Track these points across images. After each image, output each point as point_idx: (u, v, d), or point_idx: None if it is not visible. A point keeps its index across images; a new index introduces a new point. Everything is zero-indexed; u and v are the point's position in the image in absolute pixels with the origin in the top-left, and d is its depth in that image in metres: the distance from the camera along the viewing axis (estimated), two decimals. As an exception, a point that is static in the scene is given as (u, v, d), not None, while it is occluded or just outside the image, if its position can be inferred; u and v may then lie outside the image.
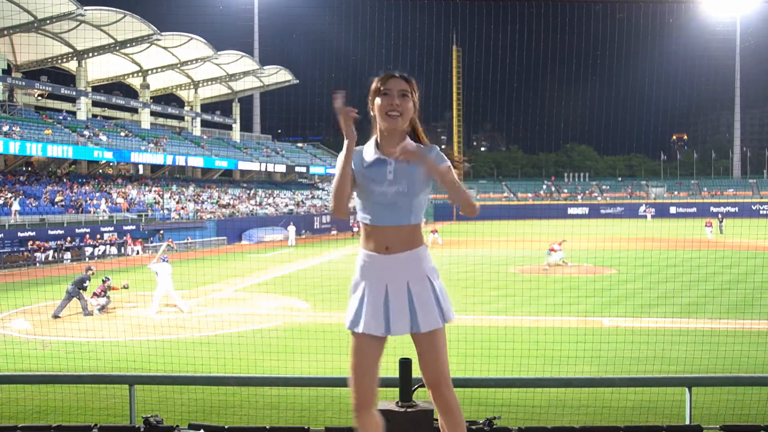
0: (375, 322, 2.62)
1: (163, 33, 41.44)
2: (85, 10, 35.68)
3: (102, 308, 15.55)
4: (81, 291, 15.28)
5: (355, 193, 2.67)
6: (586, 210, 64.29)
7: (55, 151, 35.84)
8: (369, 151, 2.67)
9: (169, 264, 15.92)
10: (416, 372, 3.79)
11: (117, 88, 51.45)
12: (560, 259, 23.26)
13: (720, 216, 43.40)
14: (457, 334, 11.87)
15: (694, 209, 60.64)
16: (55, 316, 14.77)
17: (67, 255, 28.12)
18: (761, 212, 59.59)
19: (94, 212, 33.66)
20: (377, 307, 2.62)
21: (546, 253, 23.37)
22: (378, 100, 2.62)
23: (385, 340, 2.70)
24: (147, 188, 41.53)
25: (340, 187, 2.59)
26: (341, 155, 2.59)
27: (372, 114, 2.69)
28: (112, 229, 32.38)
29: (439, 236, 35.47)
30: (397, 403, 3.60)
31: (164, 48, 44.47)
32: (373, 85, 2.66)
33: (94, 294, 15.68)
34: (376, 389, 2.70)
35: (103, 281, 15.87)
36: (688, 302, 14.72)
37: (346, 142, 2.56)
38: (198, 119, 53.52)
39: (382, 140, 2.67)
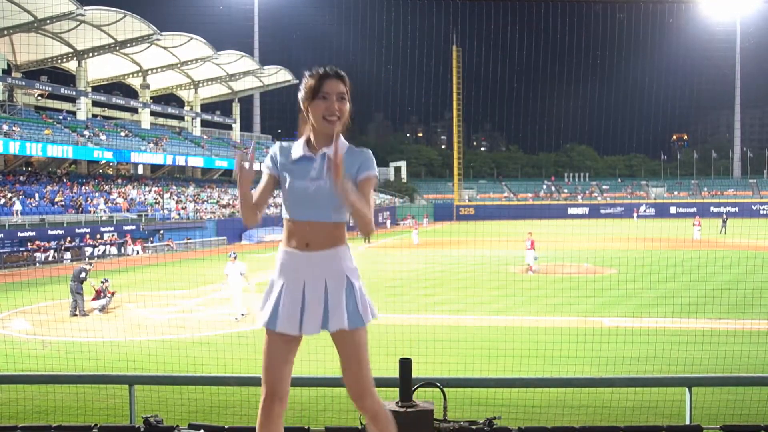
0: (290, 322, 2.58)
1: (163, 33, 41.44)
2: (85, 10, 35.69)
3: (102, 308, 15.53)
4: (81, 285, 15.09)
5: (281, 193, 2.67)
6: (586, 210, 64.32)
7: (55, 151, 35.85)
8: (297, 149, 2.65)
9: (240, 263, 15.20)
10: (416, 372, 3.80)
11: (117, 88, 51.54)
12: (534, 259, 22.18)
13: (723, 215, 43.30)
14: (458, 334, 11.88)
15: (694, 209, 60.62)
16: (73, 315, 14.91)
17: (67, 255, 28.12)
18: (761, 212, 59.59)
19: (94, 212, 33.66)
20: (294, 306, 2.59)
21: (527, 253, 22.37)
22: (316, 103, 2.57)
23: (300, 338, 2.67)
24: (147, 188, 41.52)
25: (244, 208, 2.67)
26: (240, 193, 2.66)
27: (304, 110, 2.64)
28: (112, 229, 32.39)
29: (416, 235, 35.62)
30: (397, 403, 3.59)
31: (164, 48, 44.48)
32: (309, 83, 2.60)
33: (95, 297, 15.65)
34: (286, 384, 2.67)
35: (102, 282, 15.84)
36: (688, 302, 14.71)
37: (239, 189, 2.62)
38: (198, 119, 53.54)
39: (315, 138, 2.64)
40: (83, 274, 15.22)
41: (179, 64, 47.63)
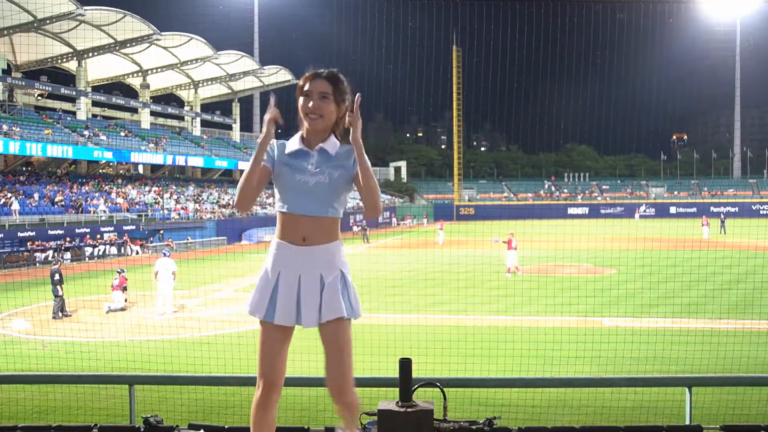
0: (287, 313, 2.64)
1: (163, 33, 41.44)
2: (85, 10, 35.68)
3: (110, 310, 15.45)
4: (58, 287, 14.90)
5: (275, 187, 2.72)
6: (586, 210, 64.32)
7: (55, 151, 35.84)
8: (293, 143, 2.72)
9: (170, 260, 15.70)
10: (416, 372, 3.80)
11: (117, 88, 51.51)
12: (514, 261, 21.31)
13: (722, 216, 43.34)
14: (458, 334, 11.88)
15: (694, 209, 60.70)
16: (56, 317, 14.73)
17: (67, 255, 28.11)
18: (761, 212, 59.60)
19: (94, 212, 33.66)
20: (290, 298, 2.63)
21: (507, 253, 21.54)
22: (300, 100, 2.68)
23: (293, 329, 2.72)
24: (147, 188, 41.53)
25: (248, 179, 2.63)
26: (256, 150, 2.67)
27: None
28: (112, 229, 32.38)
29: (442, 235, 35.30)
30: (397, 403, 3.59)
31: (164, 48, 44.47)
32: (299, 83, 2.71)
33: (117, 288, 15.63)
34: (282, 373, 2.73)
35: (119, 272, 15.85)
36: (688, 302, 14.71)
37: (261, 136, 2.62)
38: (198, 119, 53.53)
39: (308, 135, 2.72)
40: (57, 276, 14.95)
41: (179, 64, 47.61)
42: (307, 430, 3.97)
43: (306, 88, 2.66)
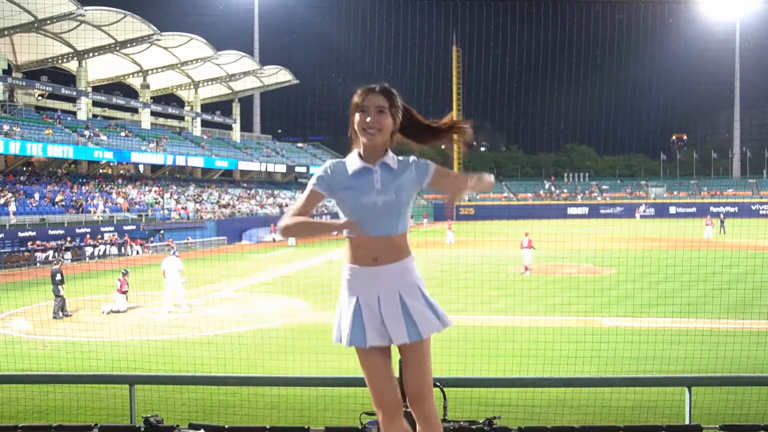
0: (379, 334, 2.59)
1: (163, 33, 41.47)
2: (86, 10, 35.71)
3: (110, 311, 15.45)
4: (59, 287, 14.89)
5: (340, 211, 2.64)
6: (586, 210, 64.28)
7: (56, 151, 35.86)
8: (353, 162, 2.64)
9: (177, 259, 16.01)
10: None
11: (117, 88, 51.54)
12: (529, 259, 21.73)
13: (721, 216, 43.36)
14: (458, 334, 11.83)
15: (693, 209, 60.67)
16: (56, 317, 14.73)
17: (68, 255, 28.11)
18: (761, 212, 59.57)
19: (94, 212, 33.67)
20: (376, 319, 2.59)
21: (523, 252, 21.99)
22: (356, 116, 2.61)
23: (390, 348, 2.68)
24: (147, 188, 41.54)
25: (304, 234, 2.64)
26: (320, 224, 2.67)
27: (351, 125, 2.68)
28: (112, 229, 32.39)
29: (451, 234, 35.36)
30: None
31: (164, 48, 44.49)
32: (354, 99, 2.64)
33: (118, 290, 15.67)
34: (396, 390, 2.67)
35: (123, 273, 15.87)
36: (688, 302, 14.70)
37: (333, 224, 2.53)
38: (198, 119, 53.54)
39: (365, 152, 2.64)
40: (58, 276, 14.91)
41: (179, 64, 47.63)
42: (307, 430, 3.98)
43: (362, 103, 2.60)
